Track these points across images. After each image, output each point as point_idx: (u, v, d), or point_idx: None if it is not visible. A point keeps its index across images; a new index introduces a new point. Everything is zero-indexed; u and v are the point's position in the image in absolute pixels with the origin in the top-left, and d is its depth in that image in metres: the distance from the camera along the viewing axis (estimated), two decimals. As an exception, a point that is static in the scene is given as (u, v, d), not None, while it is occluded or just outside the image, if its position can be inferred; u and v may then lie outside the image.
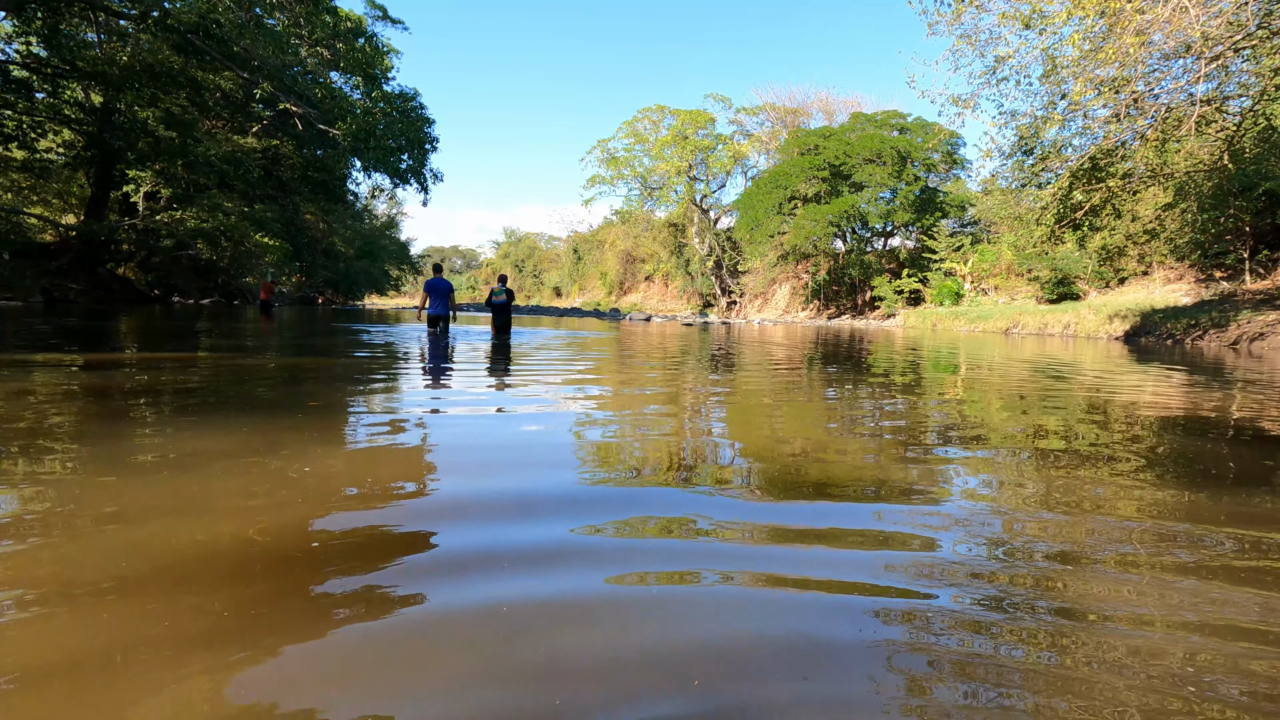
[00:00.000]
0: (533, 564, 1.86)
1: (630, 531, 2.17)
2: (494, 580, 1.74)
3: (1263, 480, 2.96)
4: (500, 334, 13.02)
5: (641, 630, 1.51)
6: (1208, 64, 11.06)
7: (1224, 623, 1.61)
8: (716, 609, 1.64)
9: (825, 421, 4.37)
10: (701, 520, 2.27)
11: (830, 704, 1.27)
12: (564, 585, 1.73)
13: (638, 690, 1.29)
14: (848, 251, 40.05)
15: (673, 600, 1.68)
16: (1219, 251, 20.17)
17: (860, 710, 1.25)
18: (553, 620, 1.54)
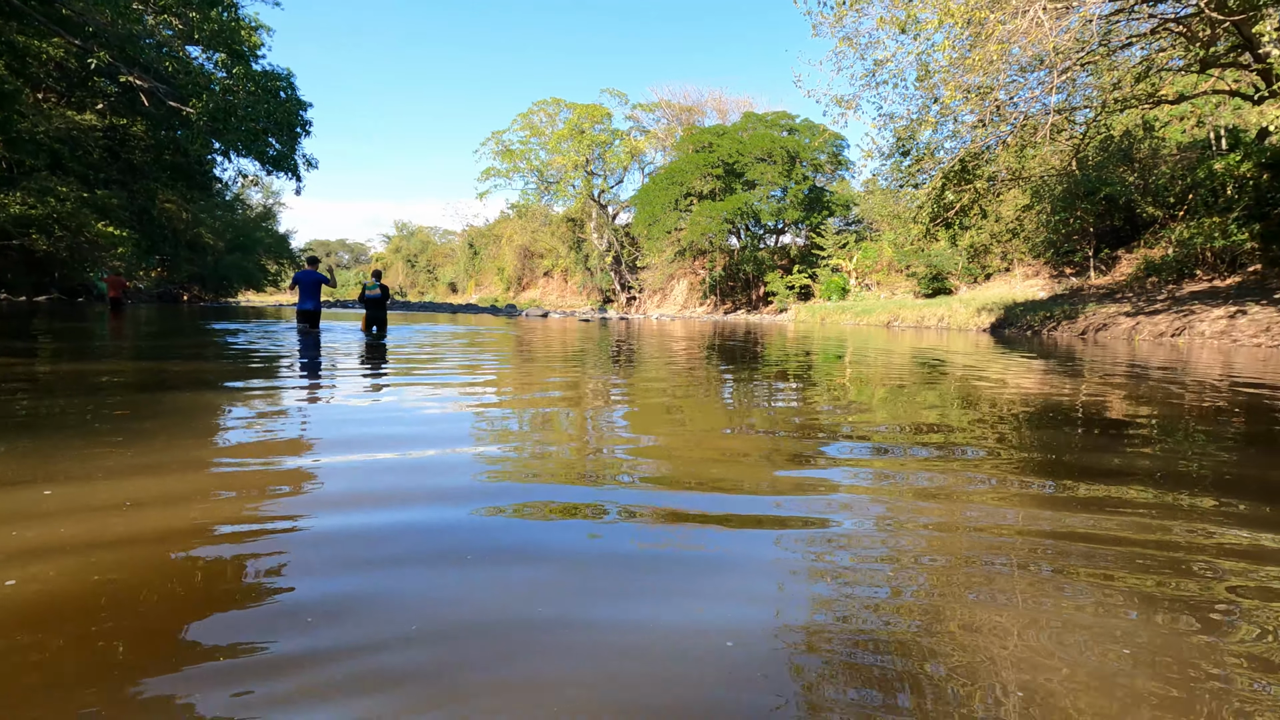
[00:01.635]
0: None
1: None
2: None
3: (1100, 445, 3.05)
4: (374, 332, 12.11)
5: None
6: (1059, 76, 11.95)
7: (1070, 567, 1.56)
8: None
9: (723, 414, 4.22)
10: (608, 506, 2.00)
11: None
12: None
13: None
14: (742, 248, 41.08)
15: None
16: (1068, 250, 22.13)
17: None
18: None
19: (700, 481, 2.72)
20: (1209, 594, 1.71)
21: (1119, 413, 4.75)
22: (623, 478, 2.76)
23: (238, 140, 21.82)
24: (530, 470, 2.86)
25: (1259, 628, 1.54)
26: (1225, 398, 5.54)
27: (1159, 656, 1.41)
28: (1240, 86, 14.15)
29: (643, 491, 2.57)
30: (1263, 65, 10.96)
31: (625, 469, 2.90)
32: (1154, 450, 3.40)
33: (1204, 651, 1.43)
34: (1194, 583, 1.78)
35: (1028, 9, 9.85)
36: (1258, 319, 12.92)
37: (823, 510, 2.34)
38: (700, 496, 2.51)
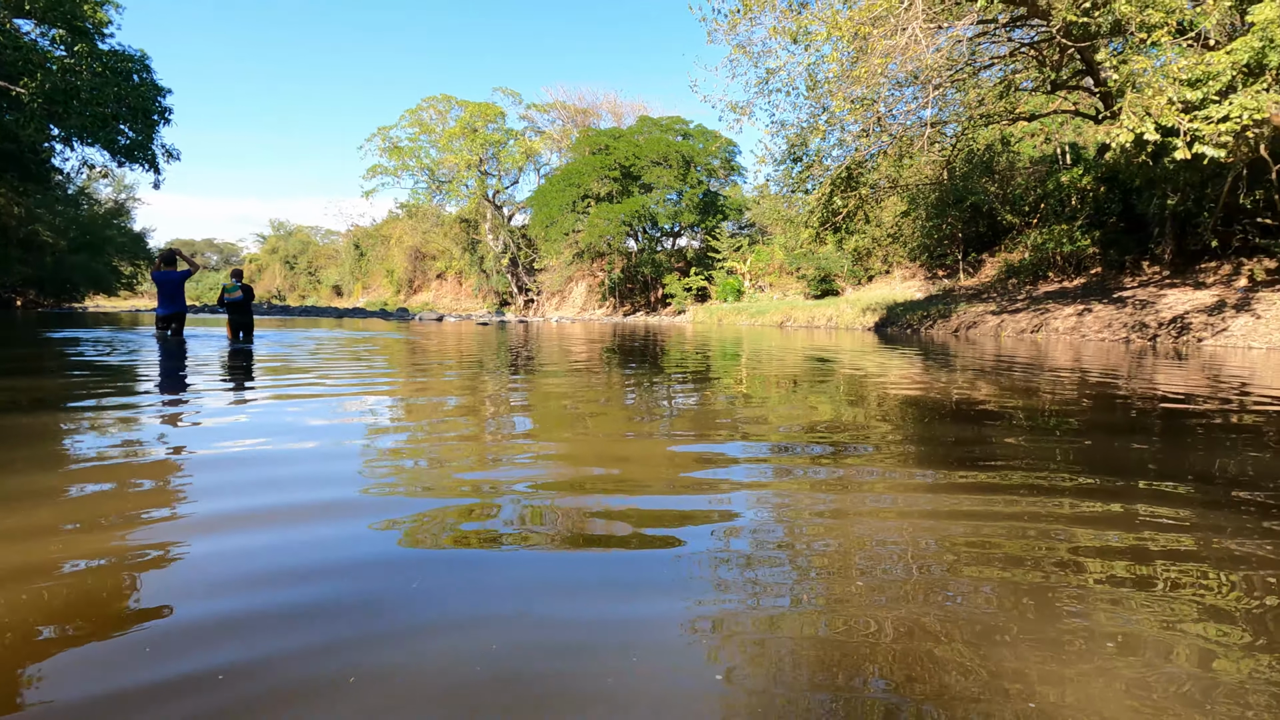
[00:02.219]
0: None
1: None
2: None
3: (973, 432, 3.23)
4: (239, 338, 11.07)
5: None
6: (933, 92, 12.81)
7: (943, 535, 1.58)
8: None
9: (625, 415, 4.12)
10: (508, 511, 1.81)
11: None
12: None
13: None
14: (640, 250, 41.43)
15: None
16: (941, 254, 23.86)
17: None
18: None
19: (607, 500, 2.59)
20: (1067, 555, 1.98)
21: (990, 402, 5.07)
22: (521, 499, 2.59)
23: (81, 126, 19.43)
24: (441, 528, 2.62)
25: (1101, 575, 1.84)
26: (1076, 387, 6.07)
27: (1023, 599, 1.68)
28: (1082, 107, 15.75)
29: (546, 501, 2.41)
30: (1102, 89, 12.22)
31: (523, 488, 2.73)
32: (1019, 435, 3.63)
33: (1064, 598, 1.70)
34: (1052, 544, 2.07)
35: (906, 27, 10.47)
36: (1101, 316, 14.42)
37: (724, 506, 2.28)
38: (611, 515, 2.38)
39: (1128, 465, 3.05)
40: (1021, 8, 11.31)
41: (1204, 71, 8.95)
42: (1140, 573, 1.84)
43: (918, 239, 23.88)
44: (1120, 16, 9.55)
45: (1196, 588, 1.76)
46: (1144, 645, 1.47)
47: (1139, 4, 9.39)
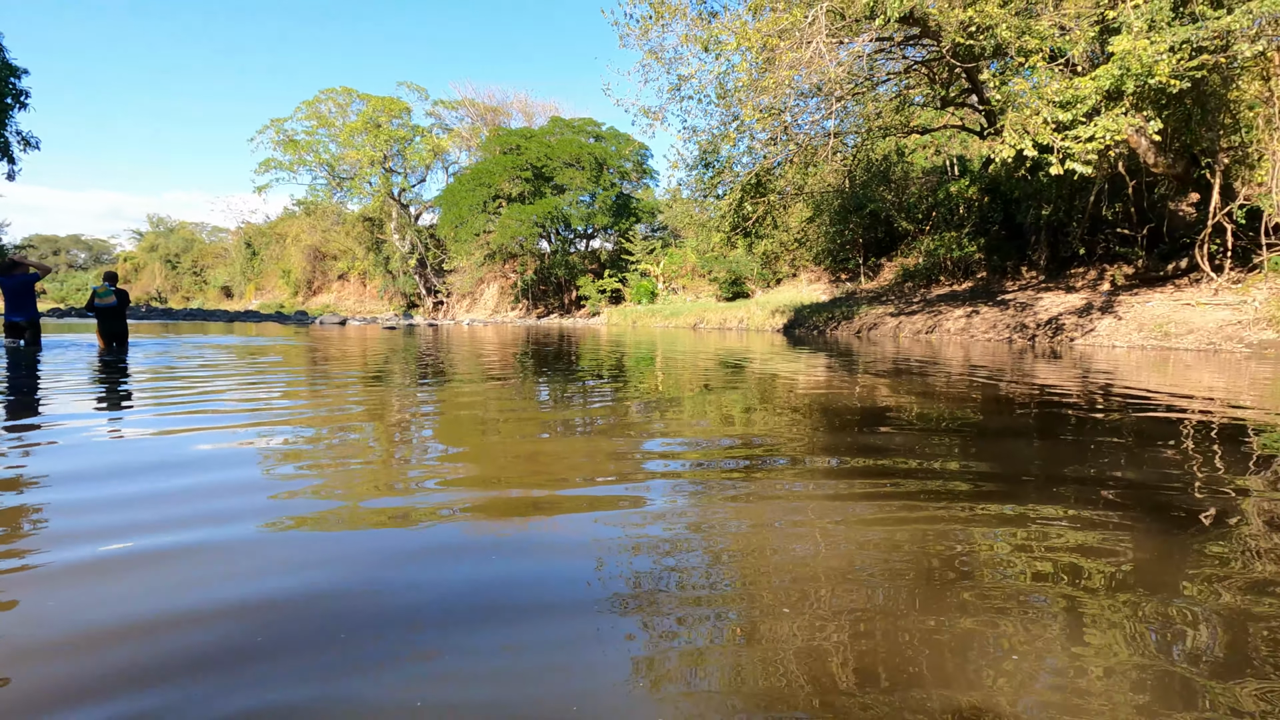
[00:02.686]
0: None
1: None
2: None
3: (874, 425, 3.39)
4: (113, 347, 10.14)
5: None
6: (835, 104, 13.38)
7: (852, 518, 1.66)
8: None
9: (540, 419, 4.03)
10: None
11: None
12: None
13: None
14: (553, 252, 41.07)
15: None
16: (844, 258, 24.97)
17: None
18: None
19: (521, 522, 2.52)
20: (949, 525, 2.25)
21: (889, 398, 5.34)
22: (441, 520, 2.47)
23: (-85, 107, 17.18)
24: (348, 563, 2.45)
25: (976, 541, 1.95)
26: (965, 382, 6.49)
27: (908, 560, 1.70)
28: (969, 123, 16.88)
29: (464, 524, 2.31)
30: (986, 107, 13.14)
31: (442, 508, 2.61)
32: (918, 435, 3.83)
33: (939, 557, 1.86)
34: (935, 509, 2.40)
35: (811, 41, 10.87)
36: (987, 318, 15.50)
37: (638, 505, 2.27)
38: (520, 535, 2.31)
39: (1014, 459, 3.26)
40: (915, 28, 11.98)
41: (1073, 95, 9.79)
42: (1029, 564, 1.96)
43: (822, 244, 24.88)
44: (1001, 41, 10.29)
45: (1075, 575, 1.89)
46: (1038, 632, 1.55)
47: (1017, 30, 10.14)
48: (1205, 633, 1.57)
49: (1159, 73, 9.37)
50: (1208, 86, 10.96)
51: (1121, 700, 1.32)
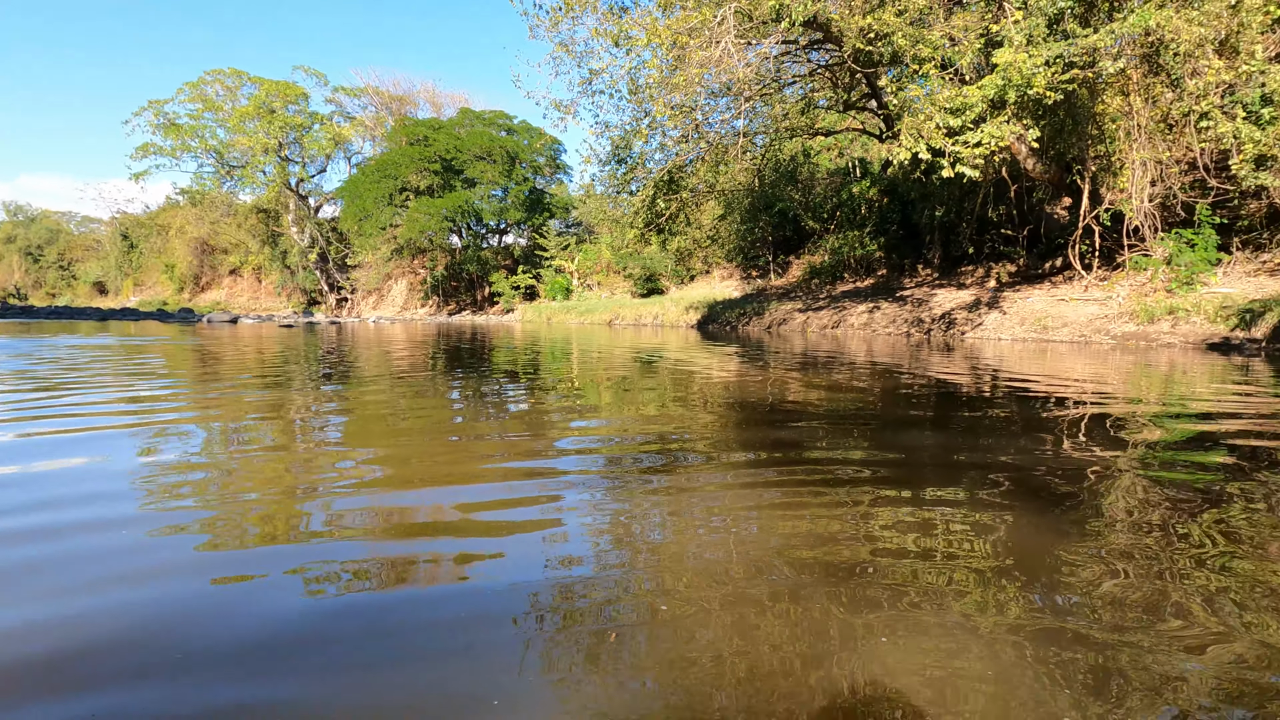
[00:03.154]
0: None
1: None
2: None
3: (784, 416, 3.48)
4: None
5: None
6: (744, 104, 13.66)
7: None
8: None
9: (452, 424, 3.86)
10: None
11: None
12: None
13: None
14: (464, 247, 40.03)
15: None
16: (754, 255, 25.62)
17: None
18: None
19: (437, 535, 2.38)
20: (856, 510, 2.34)
21: (799, 390, 5.49)
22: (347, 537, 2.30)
23: None
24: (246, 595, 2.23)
25: (879, 525, 2.08)
26: (868, 375, 6.78)
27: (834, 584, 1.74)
28: (869, 127, 17.66)
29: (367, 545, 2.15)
30: (884, 111, 13.77)
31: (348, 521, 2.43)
32: (826, 427, 3.95)
33: (845, 542, 1.88)
34: (841, 496, 2.52)
35: (720, 40, 11.02)
36: (887, 313, 16.29)
37: (554, 514, 2.20)
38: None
39: (912, 446, 3.39)
40: (819, 33, 12.38)
41: (961, 102, 10.40)
42: (925, 545, 2.03)
43: (733, 241, 25.43)
44: (898, 48, 10.79)
45: (966, 554, 1.97)
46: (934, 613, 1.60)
47: (911, 39, 10.67)
48: (1082, 603, 1.66)
49: (1036, 84, 10.08)
50: (1077, 99, 11.91)
51: (1009, 670, 1.37)
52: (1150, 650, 1.44)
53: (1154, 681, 1.34)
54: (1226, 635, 1.52)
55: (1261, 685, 1.33)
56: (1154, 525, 2.26)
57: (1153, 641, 1.48)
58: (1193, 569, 1.88)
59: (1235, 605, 1.66)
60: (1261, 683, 1.34)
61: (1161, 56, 11.12)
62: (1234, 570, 1.88)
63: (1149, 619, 1.59)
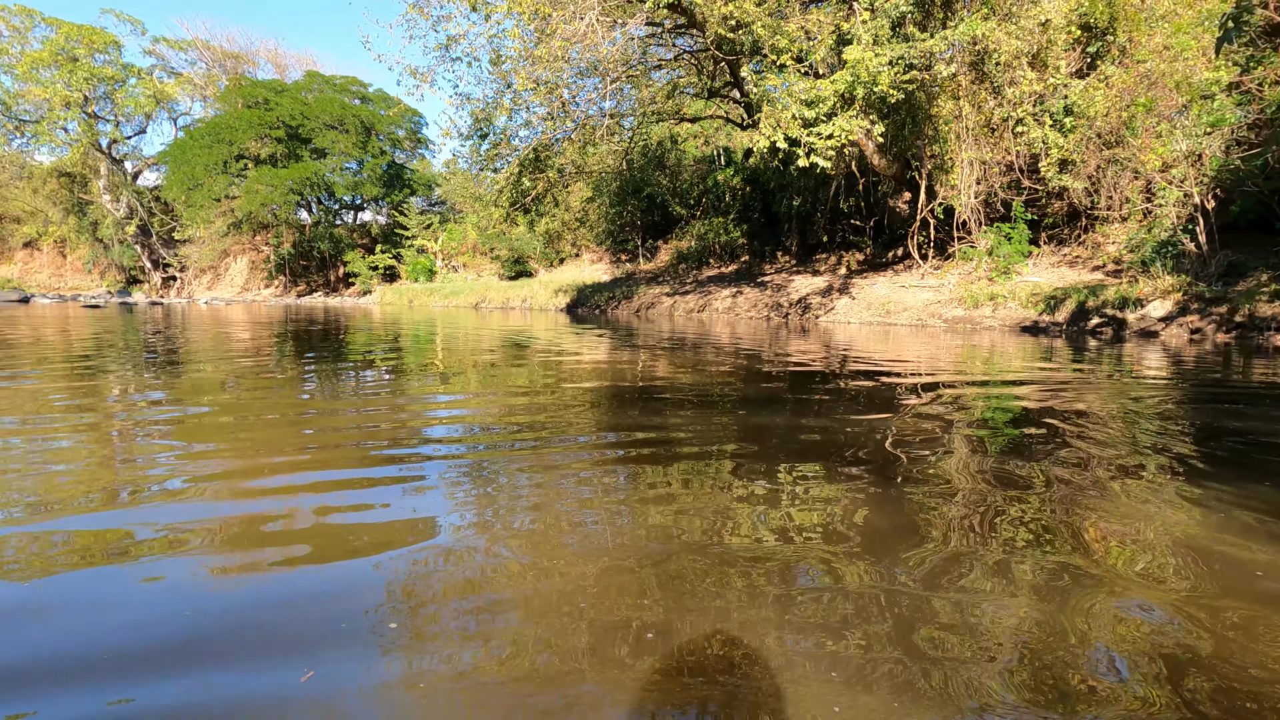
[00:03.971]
0: None
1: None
2: None
3: (652, 396, 3.44)
4: None
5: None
6: (610, 84, 13.48)
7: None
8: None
9: (301, 416, 3.41)
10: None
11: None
12: None
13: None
14: (315, 223, 37.02)
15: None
16: (623, 239, 25.67)
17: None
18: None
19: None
20: (720, 488, 2.26)
21: (666, 372, 5.48)
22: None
23: None
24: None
25: (740, 500, 1.99)
26: (731, 357, 6.93)
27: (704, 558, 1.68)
28: (732, 116, 18.11)
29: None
30: (746, 100, 14.14)
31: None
32: (688, 398, 3.94)
33: (709, 519, 1.81)
34: (705, 473, 2.48)
35: (584, 15, 10.75)
36: (750, 298, 16.90)
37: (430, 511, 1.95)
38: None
39: (771, 424, 3.42)
40: (682, 18, 12.44)
41: (815, 95, 10.86)
42: (784, 518, 1.99)
43: (602, 225, 25.33)
44: (758, 38, 11.05)
45: (819, 522, 1.95)
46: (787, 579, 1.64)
47: (771, 29, 10.97)
48: (919, 562, 1.70)
49: (882, 82, 10.72)
50: (916, 101, 12.85)
51: (858, 627, 1.42)
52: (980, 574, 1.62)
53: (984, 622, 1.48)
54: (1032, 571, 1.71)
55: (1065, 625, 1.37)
56: (976, 474, 2.40)
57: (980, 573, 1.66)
58: (1009, 513, 2.14)
59: (1033, 543, 1.92)
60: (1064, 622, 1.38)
61: (986, 65, 12.21)
62: (1039, 519, 2.12)
63: (971, 564, 1.73)
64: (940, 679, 1.27)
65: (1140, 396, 4.51)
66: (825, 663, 1.33)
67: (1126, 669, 1.29)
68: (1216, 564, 1.75)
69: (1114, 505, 2.26)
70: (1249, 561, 1.77)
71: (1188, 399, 4.47)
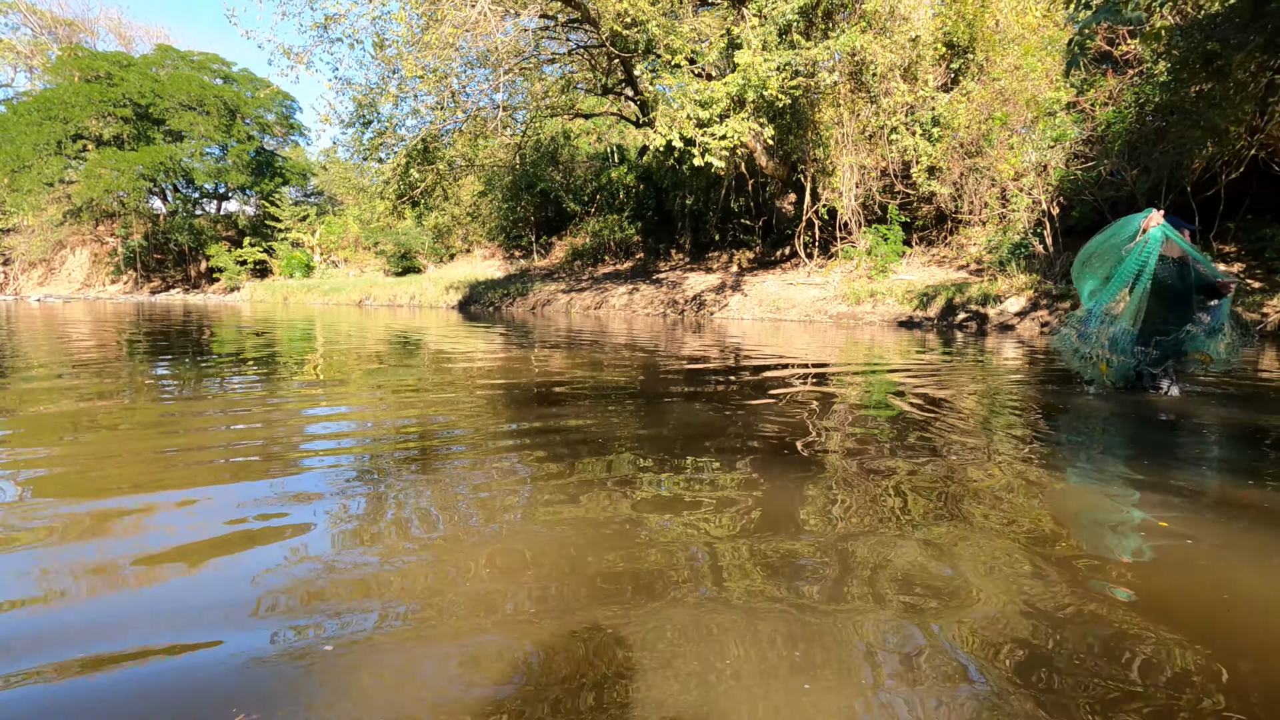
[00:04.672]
0: None
1: None
2: None
3: (548, 392, 3.38)
4: None
5: None
6: (503, 76, 13.14)
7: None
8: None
9: (157, 429, 3.02)
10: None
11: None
12: None
13: None
14: (171, 213, 33.69)
15: None
16: (517, 235, 25.17)
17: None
18: None
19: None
20: (622, 487, 2.17)
21: (565, 371, 5.40)
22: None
23: None
24: None
25: (643, 496, 1.85)
26: (628, 354, 6.95)
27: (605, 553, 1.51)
28: (626, 113, 18.18)
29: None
30: (641, 98, 14.22)
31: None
32: (587, 396, 3.89)
33: (610, 520, 1.82)
34: (606, 472, 2.33)
35: (475, 2, 10.40)
36: (646, 295, 17.06)
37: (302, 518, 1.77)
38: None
39: (669, 419, 3.43)
40: (576, 11, 12.31)
41: (709, 96, 11.09)
42: (687, 508, 1.97)
43: (495, 220, 24.72)
44: (652, 36, 11.13)
45: (717, 514, 1.96)
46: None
47: (665, 29, 11.08)
48: (816, 553, 1.71)
49: (771, 87, 11.11)
50: (801, 106, 13.44)
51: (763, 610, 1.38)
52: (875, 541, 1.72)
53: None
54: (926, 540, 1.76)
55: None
56: (860, 452, 2.51)
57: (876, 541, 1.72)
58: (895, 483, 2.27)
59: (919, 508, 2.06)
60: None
61: (864, 76, 12.96)
62: (926, 485, 2.29)
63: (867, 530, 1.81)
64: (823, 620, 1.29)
65: (994, 380, 4.94)
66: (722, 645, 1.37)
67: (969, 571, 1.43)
68: (1047, 499, 2.05)
69: (974, 468, 2.60)
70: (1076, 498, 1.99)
71: (1031, 382, 4.95)
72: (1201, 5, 9.74)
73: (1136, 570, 1.70)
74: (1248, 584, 1.63)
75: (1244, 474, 2.57)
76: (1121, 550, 1.83)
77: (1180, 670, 1.26)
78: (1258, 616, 1.47)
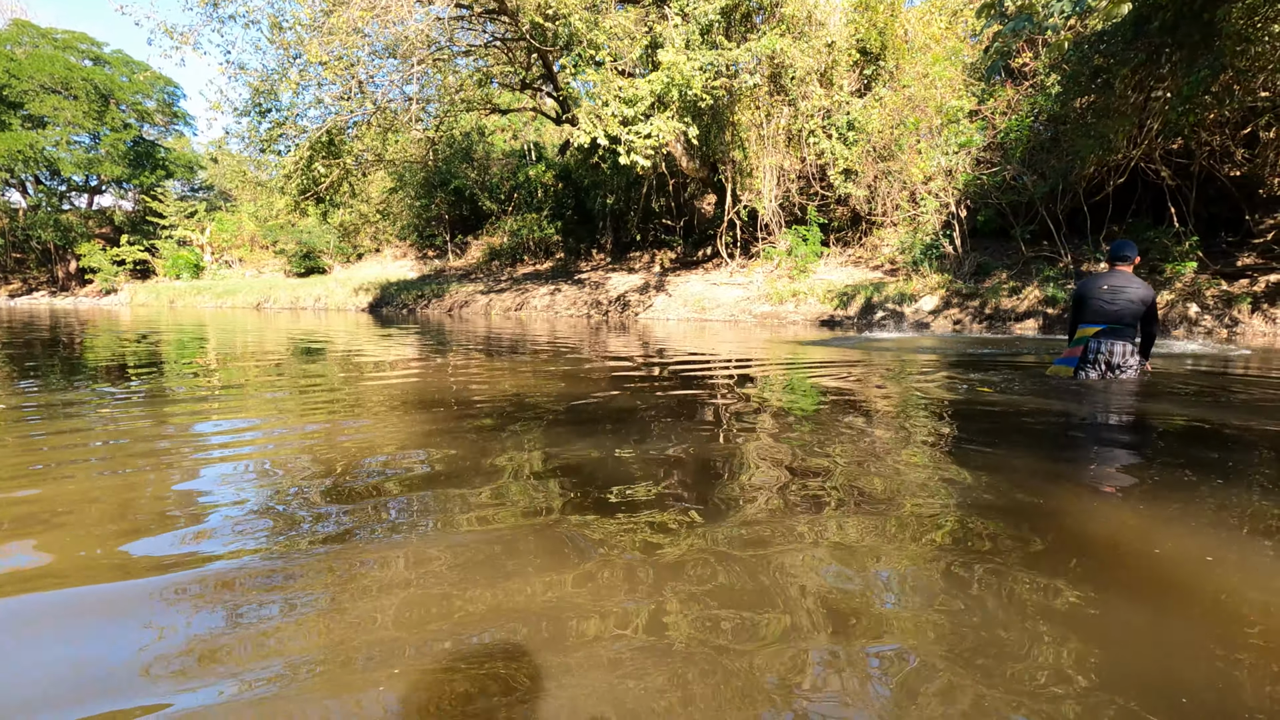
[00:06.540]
0: None
1: None
2: None
3: (468, 395, 3.12)
4: None
5: None
6: (415, 66, 12.49)
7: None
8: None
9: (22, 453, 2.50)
10: None
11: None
12: None
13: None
14: (33, 207, 30.36)
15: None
16: (430, 234, 24.20)
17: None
18: None
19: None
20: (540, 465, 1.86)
21: (481, 377, 5.08)
22: None
23: None
24: None
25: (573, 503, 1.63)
26: (552, 358, 6.69)
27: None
28: (545, 109, 17.77)
29: None
30: (561, 94, 13.89)
31: None
32: (509, 404, 3.64)
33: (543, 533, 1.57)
34: (531, 489, 2.09)
35: (386, -14, 9.79)
36: (568, 295, 16.72)
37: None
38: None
39: (595, 425, 3.22)
40: (494, 2, 11.86)
41: (634, 94, 10.93)
42: (619, 519, 1.77)
43: (407, 218, 23.69)
44: (575, 31, 10.85)
45: (647, 515, 1.77)
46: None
47: (588, 23, 10.82)
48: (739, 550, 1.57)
49: (695, 86, 11.07)
50: (721, 107, 13.51)
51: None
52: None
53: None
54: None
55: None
56: (787, 441, 2.39)
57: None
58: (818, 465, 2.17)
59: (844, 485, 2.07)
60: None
61: (783, 79, 13.16)
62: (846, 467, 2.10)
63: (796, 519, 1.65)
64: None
65: (912, 375, 5.02)
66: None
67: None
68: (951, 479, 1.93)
69: (887, 453, 2.63)
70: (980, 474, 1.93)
71: (947, 377, 5.08)
72: (1088, 23, 10.46)
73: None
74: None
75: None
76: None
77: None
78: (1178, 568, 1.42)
